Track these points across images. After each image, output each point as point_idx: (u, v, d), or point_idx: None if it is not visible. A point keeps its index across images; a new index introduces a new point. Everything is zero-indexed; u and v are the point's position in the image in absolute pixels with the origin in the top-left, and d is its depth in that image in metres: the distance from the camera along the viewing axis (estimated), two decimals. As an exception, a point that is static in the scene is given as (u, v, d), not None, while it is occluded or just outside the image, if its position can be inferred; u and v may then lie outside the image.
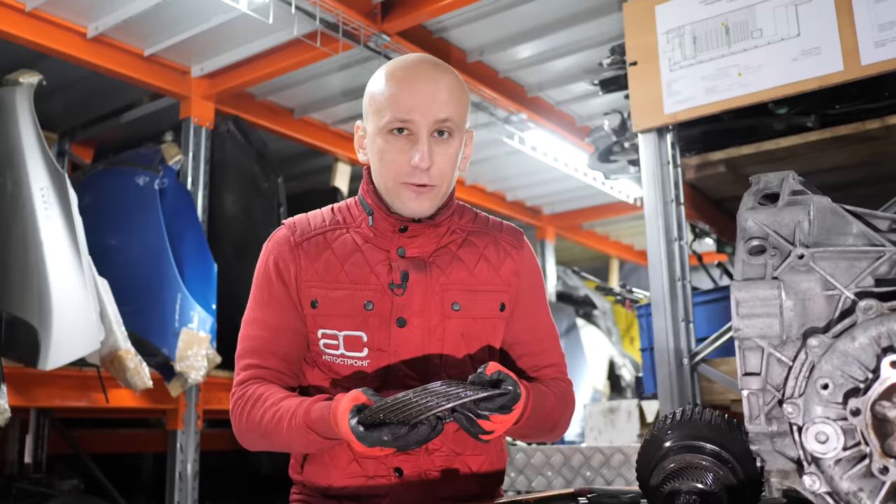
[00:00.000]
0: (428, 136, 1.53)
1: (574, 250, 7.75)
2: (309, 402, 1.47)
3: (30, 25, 3.46)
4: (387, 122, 1.53)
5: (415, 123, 1.52)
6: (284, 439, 1.50)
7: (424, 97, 1.52)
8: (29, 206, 3.05)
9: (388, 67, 1.59)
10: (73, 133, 4.74)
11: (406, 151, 1.53)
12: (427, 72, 1.56)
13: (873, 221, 1.19)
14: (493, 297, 1.64)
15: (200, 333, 3.61)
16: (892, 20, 2.30)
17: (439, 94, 1.53)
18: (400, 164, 1.54)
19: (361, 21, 3.43)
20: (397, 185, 1.56)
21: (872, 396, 1.06)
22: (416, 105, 1.52)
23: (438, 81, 1.55)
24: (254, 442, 1.59)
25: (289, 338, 1.60)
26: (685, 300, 2.68)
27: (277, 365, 1.60)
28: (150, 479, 5.19)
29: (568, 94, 4.58)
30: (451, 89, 1.55)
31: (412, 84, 1.53)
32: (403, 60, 1.60)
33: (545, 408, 1.58)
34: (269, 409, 1.51)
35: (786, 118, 2.77)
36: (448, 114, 1.54)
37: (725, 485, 1.26)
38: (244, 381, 1.59)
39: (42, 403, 3.55)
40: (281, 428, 1.48)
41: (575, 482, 2.96)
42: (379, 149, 1.56)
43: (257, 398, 1.54)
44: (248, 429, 1.56)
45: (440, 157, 1.55)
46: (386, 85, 1.55)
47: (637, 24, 2.78)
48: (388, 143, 1.54)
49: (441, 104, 1.53)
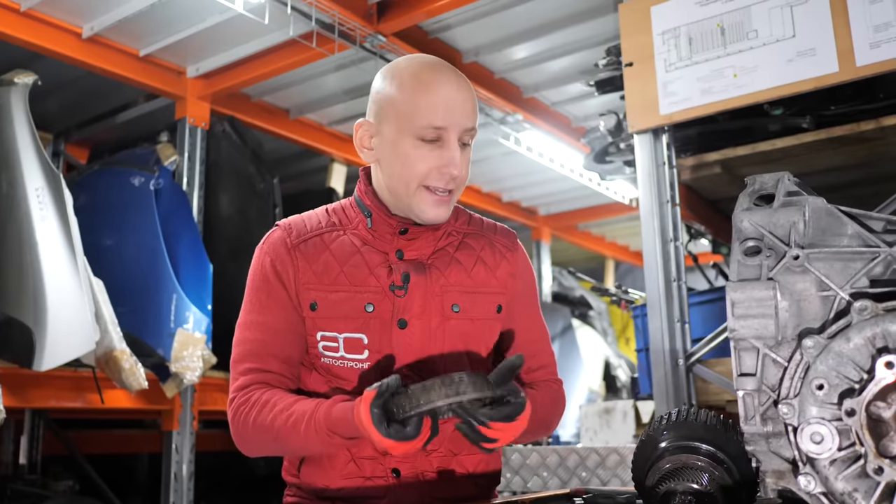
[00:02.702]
0: (457, 143, 1.54)
1: (570, 251, 7.76)
2: (328, 405, 1.44)
3: (25, 25, 3.45)
4: (419, 128, 1.52)
5: (447, 130, 1.53)
6: (300, 442, 1.47)
7: (457, 105, 1.54)
8: (24, 206, 3.04)
9: (410, 69, 1.57)
10: (68, 133, 4.72)
11: (435, 157, 1.53)
12: (454, 79, 1.57)
13: (868, 222, 1.19)
14: (490, 299, 1.64)
15: (196, 334, 3.60)
16: (887, 21, 2.31)
17: (467, 104, 1.56)
18: (426, 170, 1.54)
19: (357, 21, 3.43)
20: (418, 190, 1.55)
21: (867, 397, 1.06)
22: (451, 113, 1.53)
23: (466, 89, 1.57)
24: (259, 447, 1.56)
25: (290, 340, 1.59)
26: (681, 301, 2.68)
27: (279, 368, 1.58)
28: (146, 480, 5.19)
29: (564, 95, 4.58)
30: (473, 97, 1.58)
31: (444, 90, 1.53)
32: (423, 64, 1.59)
33: (540, 414, 1.59)
34: (281, 414, 1.48)
35: (781, 119, 2.78)
36: (474, 122, 1.57)
37: (721, 485, 1.27)
38: (245, 385, 1.56)
39: (37, 404, 3.55)
40: (297, 431, 1.45)
41: (571, 483, 2.96)
42: (404, 153, 1.55)
43: (265, 403, 1.51)
44: (254, 434, 1.52)
45: (464, 163, 1.57)
46: (414, 89, 1.54)
47: (633, 25, 2.78)
48: (417, 147, 1.54)
49: (469, 113, 1.56)
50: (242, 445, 1.58)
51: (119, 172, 3.96)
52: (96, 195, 3.95)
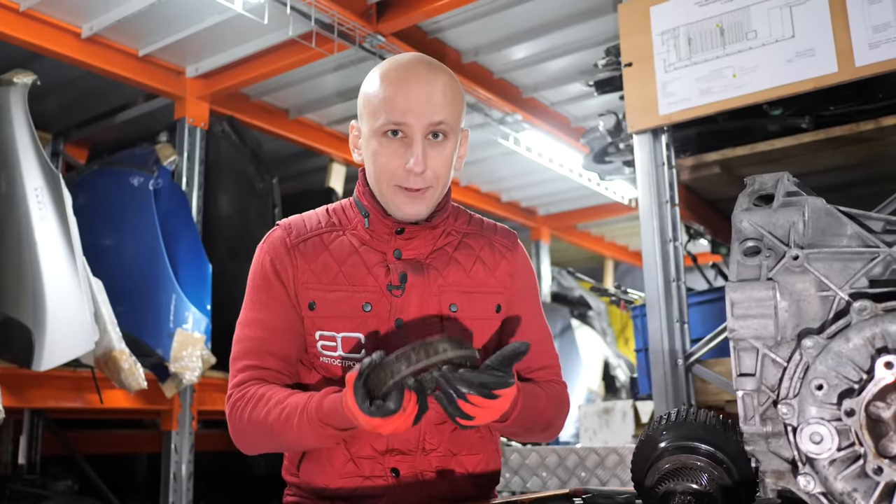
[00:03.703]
0: (422, 138, 1.52)
1: (569, 251, 7.76)
2: (320, 396, 1.43)
3: (24, 25, 3.45)
4: (381, 125, 1.52)
5: (409, 126, 1.51)
6: (294, 436, 1.46)
7: (419, 99, 1.51)
8: (23, 206, 3.04)
9: (383, 67, 1.58)
10: (67, 133, 4.72)
11: (401, 154, 1.52)
12: (421, 73, 1.54)
13: (867, 223, 1.20)
14: (489, 299, 1.64)
15: (195, 334, 3.60)
16: (886, 22, 2.31)
17: (434, 96, 1.52)
18: (394, 168, 1.53)
19: (356, 21, 3.42)
20: (391, 188, 1.55)
21: (866, 397, 1.06)
22: (411, 108, 1.50)
23: (433, 83, 1.53)
24: (256, 442, 1.55)
25: (288, 338, 1.59)
26: (680, 301, 2.68)
27: (277, 365, 1.58)
28: (145, 480, 5.18)
29: (563, 95, 4.58)
30: (445, 90, 1.54)
31: (406, 86, 1.52)
32: (397, 60, 1.58)
33: (537, 408, 1.57)
34: (276, 407, 1.47)
35: (780, 119, 2.78)
36: (443, 116, 1.53)
37: (720, 485, 1.27)
38: (243, 382, 1.56)
39: (36, 404, 3.54)
40: (291, 424, 1.44)
41: (570, 483, 2.96)
42: (373, 151, 1.55)
43: (260, 397, 1.50)
44: (250, 429, 1.51)
45: (435, 159, 1.54)
46: (380, 86, 1.54)
47: (632, 26, 2.78)
48: (383, 145, 1.54)
49: (436, 106, 1.52)
50: (240, 442, 1.57)
51: (118, 172, 3.96)
52: (95, 195, 3.95)
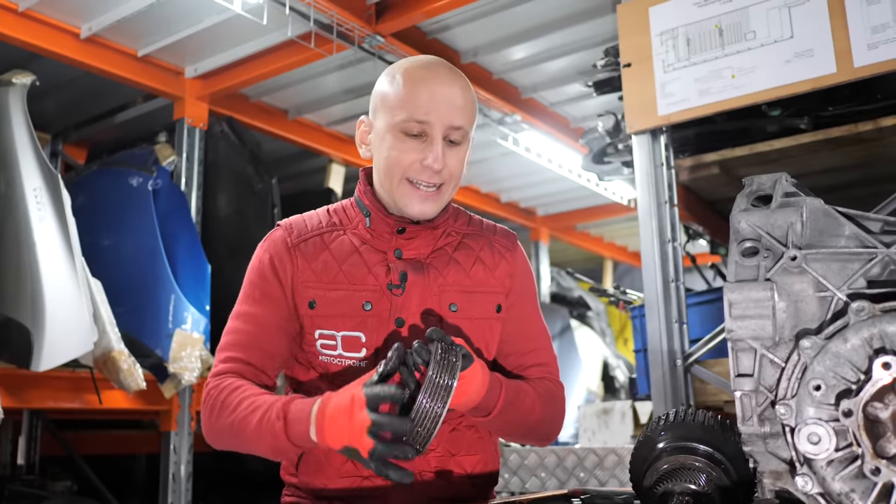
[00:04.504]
0: (441, 139, 1.54)
1: (568, 251, 7.76)
2: (286, 400, 1.42)
3: (23, 26, 3.45)
4: (401, 121, 1.54)
5: (430, 125, 1.54)
6: (252, 434, 1.43)
7: (443, 100, 1.54)
8: (22, 206, 3.04)
9: (405, 66, 1.60)
10: (66, 133, 4.72)
11: (418, 150, 1.54)
12: (445, 75, 1.58)
13: (865, 223, 1.20)
14: (489, 299, 1.64)
15: (194, 334, 3.60)
16: (885, 22, 2.31)
17: (456, 100, 1.55)
18: (409, 162, 1.55)
19: (356, 22, 3.43)
20: (401, 183, 1.56)
21: (864, 398, 1.06)
22: (434, 107, 1.53)
23: (456, 86, 1.57)
24: (220, 435, 1.52)
25: (277, 335, 1.59)
26: (679, 301, 2.68)
27: (261, 361, 1.57)
28: (144, 481, 5.18)
29: (562, 96, 4.58)
30: (465, 96, 1.58)
31: (431, 85, 1.55)
32: (419, 60, 1.61)
33: (524, 405, 1.57)
34: (245, 401, 1.45)
35: (779, 120, 2.78)
36: (462, 122, 1.56)
37: (718, 486, 1.27)
38: (222, 372, 1.55)
39: (35, 405, 3.54)
40: (250, 423, 1.42)
41: (569, 483, 2.96)
42: (388, 146, 1.57)
43: (234, 388, 1.49)
44: (216, 421, 1.49)
45: (451, 158, 1.57)
46: (403, 83, 1.56)
47: (631, 26, 2.78)
48: (400, 140, 1.55)
49: (457, 110, 1.55)
50: (209, 435, 1.55)
51: (117, 173, 3.96)
52: (94, 195, 3.94)
